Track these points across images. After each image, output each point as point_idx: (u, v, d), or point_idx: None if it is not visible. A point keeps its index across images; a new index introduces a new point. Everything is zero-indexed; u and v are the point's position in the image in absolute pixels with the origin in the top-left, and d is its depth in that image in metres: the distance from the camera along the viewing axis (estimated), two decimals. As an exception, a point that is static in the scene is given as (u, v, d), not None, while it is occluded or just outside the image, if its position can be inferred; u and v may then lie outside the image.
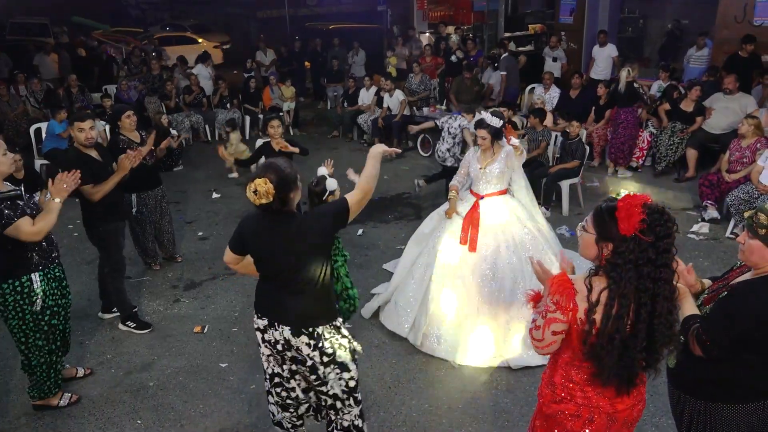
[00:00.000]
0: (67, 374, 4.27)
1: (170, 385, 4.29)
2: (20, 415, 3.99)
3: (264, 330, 3.01)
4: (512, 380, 4.22)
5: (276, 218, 2.84)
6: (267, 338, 3.01)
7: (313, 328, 2.91)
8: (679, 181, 8.03)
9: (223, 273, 5.99)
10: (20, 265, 3.59)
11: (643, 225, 2.08)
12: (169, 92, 11.04)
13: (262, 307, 3.02)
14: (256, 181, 2.68)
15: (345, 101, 11.61)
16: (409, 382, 4.23)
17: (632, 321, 2.10)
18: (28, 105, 10.55)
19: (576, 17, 12.08)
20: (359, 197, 2.87)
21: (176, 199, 7.99)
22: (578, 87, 9.22)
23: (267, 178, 2.68)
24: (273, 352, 3.05)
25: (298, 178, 2.85)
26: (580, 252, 2.31)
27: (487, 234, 4.62)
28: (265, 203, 2.70)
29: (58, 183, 3.59)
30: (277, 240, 2.84)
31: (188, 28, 21.92)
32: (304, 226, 2.85)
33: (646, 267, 2.08)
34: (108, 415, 3.98)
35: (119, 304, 5.01)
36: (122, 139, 5.59)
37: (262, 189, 2.66)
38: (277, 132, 5.81)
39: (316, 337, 2.91)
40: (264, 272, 3.00)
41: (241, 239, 3.01)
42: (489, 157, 4.76)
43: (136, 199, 5.72)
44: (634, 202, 2.11)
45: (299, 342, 2.92)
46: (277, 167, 2.75)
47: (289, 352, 2.97)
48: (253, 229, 2.95)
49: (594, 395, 2.25)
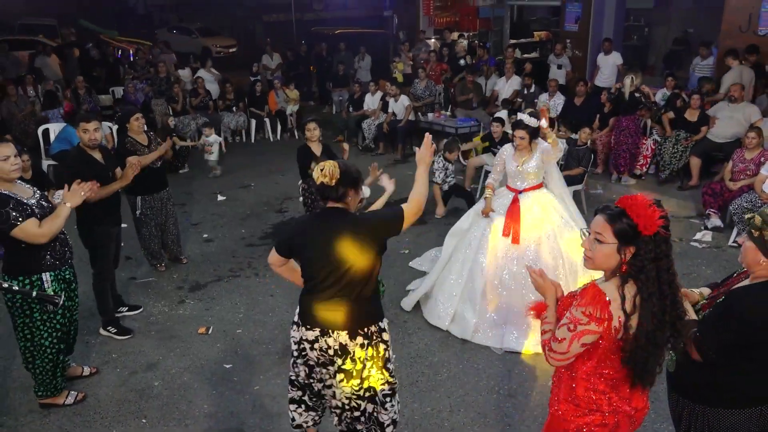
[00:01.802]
0: (73, 373, 4.31)
1: (175, 385, 4.33)
2: (26, 412, 4.03)
3: (315, 341, 2.97)
4: (514, 385, 4.25)
5: (330, 216, 2.93)
6: (319, 345, 2.97)
7: (368, 329, 2.98)
8: (683, 189, 8.05)
9: (228, 275, 6.04)
10: (33, 264, 3.64)
11: (663, 221, 2.13)
12: (176, 95, 11.11)
13: (311, 317, 2.97)
14: (328, 161, 2.88)
15: (350, 106, 11.66)
16: (411, 386, 4.26)
17: (657, 314, 2.15)
18: (37, 106, 10.62)
19: (581, 25, 12.13)
20: (415, 209, 2.98)
21: (182, 201, 8.04)
22: (583, 94, 9.26)
23: (338, 164, 2.87)
24: (325, 359, 3.00)
25: (361, 185, 3.02)
26: (593, 266, 2.27)
27: (528, 227, 4.83)
28: (326, 183, 2.83)
29: (76, 190, 3.66)
30: (332, 238, 2.87)
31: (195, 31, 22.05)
32: (358, 225, 2.90)
33: (663, 260, 2.14)
34: (113, 414, 4.02)
35: (101, 307, 4.96)
36: (130, 141, 5.65)
37: (329, 169, 2.82)
38: (314, 135, 5.79)
39: (369, 336, 2.98)
40: (313, 275, 2.96)
41: (291, 240, 3.06)
42: (526, 154, 4.93)
43: (141, 202, 5.76)
44: (642, 202, 2.16)
45: (354, 345, 2.95)
46: (348, 164, 2.95)
47: (339, 359, 2.97)
48: (305, 228, 3.06)
49: (618, 400, 2.28)
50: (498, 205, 5.02)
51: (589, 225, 2.30)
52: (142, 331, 5.06)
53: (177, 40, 19.60)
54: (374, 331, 3.00)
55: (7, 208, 3.46)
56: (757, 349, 2.30)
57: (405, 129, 10.36)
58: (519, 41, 14.62)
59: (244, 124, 11.63)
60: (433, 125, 10.22)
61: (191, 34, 21.90)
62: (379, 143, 10.71)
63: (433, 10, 16.50)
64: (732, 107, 7.87)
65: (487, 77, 11.37)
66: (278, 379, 4.34)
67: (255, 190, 8.75)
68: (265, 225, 7.40)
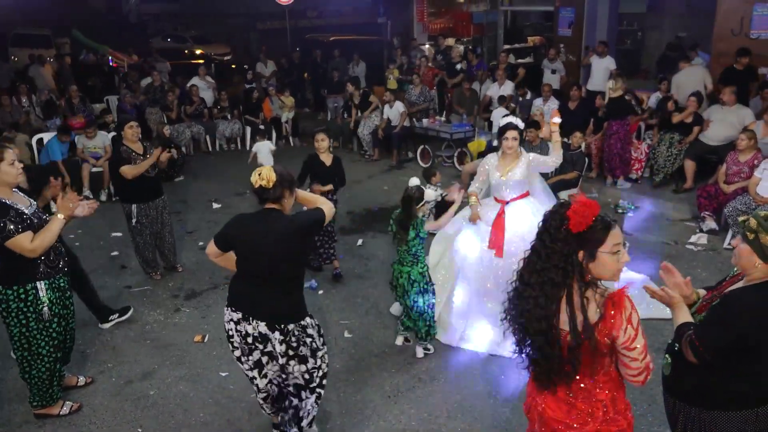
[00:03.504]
0: (68, 383, 4.29)
1: (171, 394, 4.31)
2: (21, 423, 4.00)
3: (237, 322, 3.26)
4: (511, 390, 4.24)
5: (265, 215, 3.20)
6: (239, 329, 3.27)
7: (285, 326, 3.22)
8: (678, 192, 8.07)
9: (224, 283, 6.02)
10: (26, 273, 3.62)
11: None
12: (171, 103, 11.11)
13: (237, 302, 3.28)
14: (266, 167, 3.16)
15: (345, 112, 11.68)
16: (408, 392, 4.25)
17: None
18: (32, 115, 10.61)
19: (574, 29, 12.19)
20: (330, 210, 3.32)
21: (177, 209, 8.02)
22: (577, 99, 9.30)
23: (274, 168, 3.15)
24: (241, 343, 3.30)
25: (295, 188, 3.30)
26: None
27: (514, 238, 4.76)
28: (264, 186, 3.10)
29: (66, 201, 3.62)
30: (265, 236, 3.15)
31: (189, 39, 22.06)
32: (291, 227, 3.18)
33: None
34: (109, 424, 4.00)
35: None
36: (125, 150, 5.64)
37: (266, 173, 3.09)
38: (321, 146, 5.78)
39: (286, 333, 3.23)
40: (244, 267, 3.27)
41: (227, 235, 3.30)
42: (510, 163, 4.82)
43: (136, 210, 5.75)
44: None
45: (273, 337, 3.22)
46: (283, 170, 3.23)
47: (261, 345, 3.25)
48: (244, 225, 3.28)
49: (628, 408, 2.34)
50: (486, 217, 4.95)
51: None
52: (137, 340, 5.04)
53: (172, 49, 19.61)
54: (292, 329, 3.25)
55: (6, 218, 3.44)
56: (753, 352, 2.31)
57: (400, 135, 10.38)
58: (513, 46, 14.66)
59: (239, 131, 11.63)
60: (428, 131, 10.25)
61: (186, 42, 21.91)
62: (374, 149, 10.72)
63: (427, 17, 16.56)
64: (725, 110, 7.90)
65: (481, 82, 11.41)
66: (275, 387, 4.32)
67: (250, 198, 8.70)
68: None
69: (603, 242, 2.17)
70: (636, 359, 2.16)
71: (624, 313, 2.14)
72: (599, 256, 2.18)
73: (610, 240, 2.17)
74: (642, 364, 2.17)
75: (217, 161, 10.82)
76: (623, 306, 2.14)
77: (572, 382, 2.26)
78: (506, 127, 4.81)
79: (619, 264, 2.20)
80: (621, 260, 2.20)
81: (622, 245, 2.20)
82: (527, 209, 4.86)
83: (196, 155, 11.13)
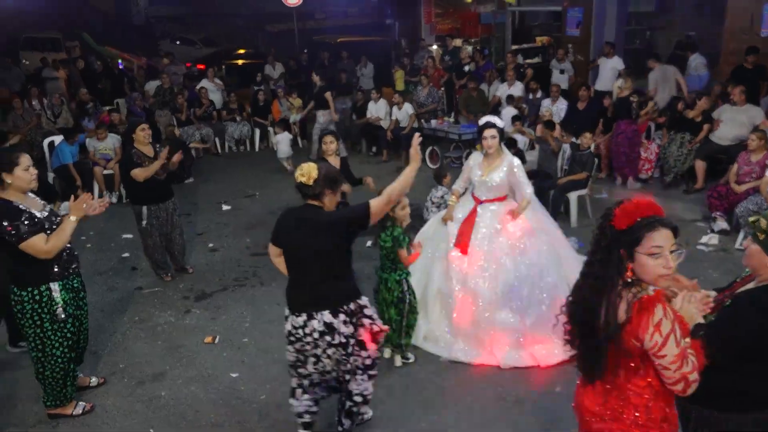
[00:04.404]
0: (81, 383, 4.32)
1: (182, 395, 4.34)
2: (35, 423, 4.04)
3: (303, 326, 3.26)
4: (521, 392, 4.24)
5: (306, 211, 3.24)
6: (306, 330, 3.25)
7: (347, 306, 3.27)
8: (688, 192, 8.03)
9: (233, 284, 6.05)
10: (40, 275, 3.66)
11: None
12: (180, 105, 11.17)
13: (297, 305, 3.31)
14: (309, 163, 3.19)
15: (353, 114, 11.70)
16: (417, 393, 4.26)
17: None
18: (43, 118, 10.69)
19: (583, 29, 12.16)
20: (384, 201, 3.23)
21: (187, 211, 8.06)
22: (586, 99, 9.27)
23: (318, 166, 3.17)
24: (308, 343, 3.29)
25: (339, 187, 3.31)
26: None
27: (483, 238, 4.74)
28: (304, 182, 3.13)
29: (79, 202, 3.68)
30: (303, 230, 3.22)
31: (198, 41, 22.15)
32: (326, 221, 3.21)
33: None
34: (121, 424, 4.03)
35: None
36: (136, 153, 5.68)
37: (307, 170, 3.12)
38: (330, 148, 5.77)
39: (350, 314, 3.28)
40: (292, 263, 3.33)
41: (277, 231, 3.40)
42: (491, 163, 4.80)
43: (147, 212, 5.79)
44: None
45: (338, 322, 3.24)
46: (330, 166, 3.34)
47: (328, 336, 3.25)
48: (286, 220, 3.37)
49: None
50: (458, 214, 4.93)
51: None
52: (148, 341, 5.07)
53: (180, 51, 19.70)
54: (354, 308, 3.29)
55: (19, 221, 3.50)
56: (765, 352, 2.30)
57: (409, 136, 10.37)
58: (521, 47, 14.64)
59: (248, 133, 11.68)
60: (437, 132, 10.24)
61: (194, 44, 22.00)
62: (383, 150, 10.74)
63: (434, 18, 16.56)
64: (735, 110, 7.86)
65: (489, 83, 11.39)
66: (285, 388, 4.30)
67: (260, 200, 8.77)
68: (270, 234, 7.39)
69: (640, 243, 2.14)
70: (667, 368, 2.12)
71: (652, 318, 2.10)
72: (637, 257, 2.15)
73: (647, 242, 2.13)
74: (676, 375, 2.13)
75: (226, 163, 10.86)
76: (652, 311, 2.11)
77: (605, 377, 2.27)
78: (484, 126, 4.78)
79: (659, 269, 2.14)
80: (663, 265, 2.14)
81: (667, 250, 2.14)
82: (501, 211, 4.83)
83: (206, 157, 11.18)
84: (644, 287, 2.20)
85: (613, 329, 2.14)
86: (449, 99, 12.23)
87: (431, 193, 7.00)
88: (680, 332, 2.13)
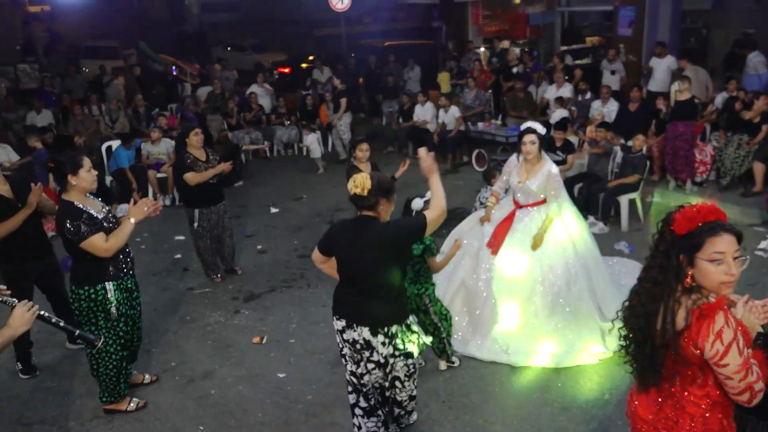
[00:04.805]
0: (135, 380, 4.48)
1: (230, 394, 4.44)
2: (92, 417, 4.21)
3: (342, 331, 3.30)
4: (568, 398, 4.17)
5: (362, 222, 3.22)
6: (346, 338, 3.31)
7: (388, 328, 3.22)
8: (746, 195, 7.74)
9: (281, 286, 6.15)
10: (96, 274, 3.83)
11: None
12: (231, 110, 11.43)
13: (340, 309, 3.33)
14: (361, 174, 3.16)
15: (400, 117, 11.73)
16: (463, 397, 4.24)
17: None
18: (102, 124, 11.11)
19: (635, 29, 11.85)
20: (436, 215, 3.16)
21: (236, 214, 8.24)
22: (638, 100, 9.03)
23: (370, 176, 3.14)
24: (351, 351, 3.35)
25: (394, 195, 3.26)
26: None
27: (516, 242, 4.75)
28: (359, 193, 3.10)
29: (139, 205, 3.86)
30: (359, 243, 3.18)
31: (248, 47, 22.62)
32: (384, 234, 3.17)
33: None
34: (173, 421, 4.16)
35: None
36: (189, 157, 5.85)
37: (361, 181, 3.10)
38: (364, 156, 5.77)
39: (390, 336, 3.23)
40: (344, 274, 3.32)
41: (329, 240, 3.38)
42: (530, 169, 4.77)
43: (198, 214, 5.94)
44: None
45: (376, 341, 3.22)
46: (382, 175, 3.26)
47: (367, 351, 3.27)
48: (341, 231, 3.35)
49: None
50: (496, 215, 4.96)
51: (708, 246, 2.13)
52: (199, 340, 5.21)
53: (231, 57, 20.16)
54: (395, 331, 3.24)
55: (80, 221, 3.68)
56: None
57: (455, 139, 10.36)
58: (570, 47, 14.40)
59: (296, 137, 11.85)
60: (483, 134, 10.17)
61: (245, 50, 22.47)
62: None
63: (482, 20, 16.43)
64: (796, 110, 7.54)
65: (538, 85, 11.24)
66: (330, 389, 4.39)
67: (307, 202, 8.89)
68: (317, 237, 7.38)
69: (701, 248, 2.09)
70: (730, 378, 2.06)
71: (713, 326, 2.04)
72: (698, 263, 2.10)
73: (709, 247, 2.08)
74: (741, 384, 2.05)
75: (275, 166, 11.05)
76: (713, 319, 2.05)
77: (661, 385, 2.22)
78: (524, 132, 4.76)
79: (721, 275, 2.08)
80: (726, 271, 2.08)
81: (729, 256, 2.08)
82: (538, 217, 4.80)
83: (255, 161, 11.40)
84: (705, 294, 2.15)
85: (672, 336, 2.10)
86: (496, 101, 12.12)
87: (480, 193, 7.01)
88: (743, 341, 2.06)
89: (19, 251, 4.42)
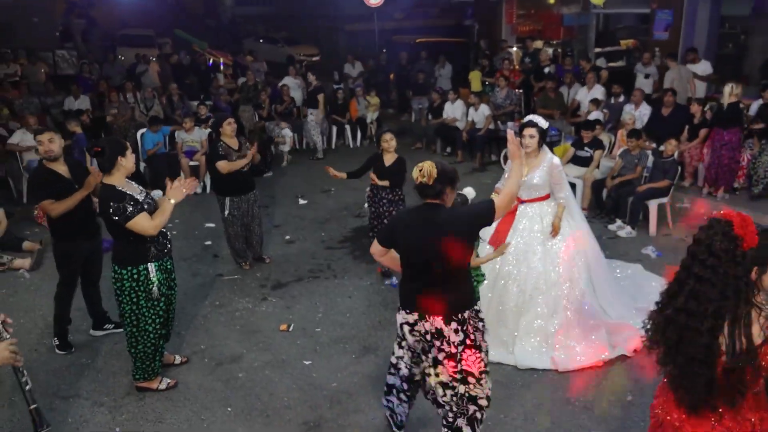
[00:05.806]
0: (166, 360, 4.61)
1: (257, 378, 4.55)
2: (124, 395, 4.35)
3: (414, 324, 3.28)
4: (590, 398, 4.20)
5: (429, 210, 3.18)
6: (418, 329, 3.27)
7: (461, 314, 3.21)
8: (778, 205, 7.63)
9: (308, 276, 6.26)
10: (140, 255, 3.97)
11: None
12: (263, 102, 11.58)
13: (411, 303, 3.28)
14: (427, 162, 3.13)
15: (429, 114, 11.77)
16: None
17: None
18: (137, 111, 11.34)
19: (672, 33, 11.71)
20: (506, 201, 3.19)
21: (265, 204, 8.37)
22: (671, 105, 8.93)
23: (435, 164, 3.12)
24: (423, 343, 3.30)
25: (457, 183, 3.24)
26: None
27: (519, 239, 4.76)
28: (425, 182, 3.09)
29: (177, 186, 3.99)
30: (429, 230, 3.14)
31: (280, 40, 22.82)
32: (455, 219, 3.17)
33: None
34: (202, 401, 4.28)
35: (55, 314, 4.82)
36: (221, 146, 5.97)
37: (427, 169, 3.08)
38: (390, 145, 5.85)
39: (462, 322, 3.21)
40: (412, 263, 3.26)
41: (392, 232, 3.35)
42: (530, 163, 4.72)
43: (229, 202, 6.07)
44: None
45: (449, 330, 3.19)
46: (444, 163, 3.22)
47: (438, 341, 3.22)
48: (406, 221, 3.31)
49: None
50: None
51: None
52: (227, 325, 5.34)
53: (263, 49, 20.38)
54: (467, 316, 3.22)
55: (124, 202, 3.83)
56: None
57: (484, 138, 10.37)
58: (604, 50, 14.26)
59: (326, 130, 11.95)
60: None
61: (277, 43, 22.68)
62: (457, 151, 10.76)
63: (516, 19, 16.34)
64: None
65: (569, 86, 11.18)
66: (355, 378, 4.48)
67: (335, 195, 8.99)
68: (344, 229, 7.60)
69: None
70: None
71: None
72: None
73: None
74: None
75: (304, 158, 11.17)
76: None
77: (736, 403, 2.20)
78: (524, 125, 4.75)
79: None
80: None
81: None
82: (540, 212, 4.81)
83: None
84: (758, 302, 2.16)
85: (753, 354, 2.09)
86: (527, 101, 12.08)
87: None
88: None
89: (74, 230, 4.62)
